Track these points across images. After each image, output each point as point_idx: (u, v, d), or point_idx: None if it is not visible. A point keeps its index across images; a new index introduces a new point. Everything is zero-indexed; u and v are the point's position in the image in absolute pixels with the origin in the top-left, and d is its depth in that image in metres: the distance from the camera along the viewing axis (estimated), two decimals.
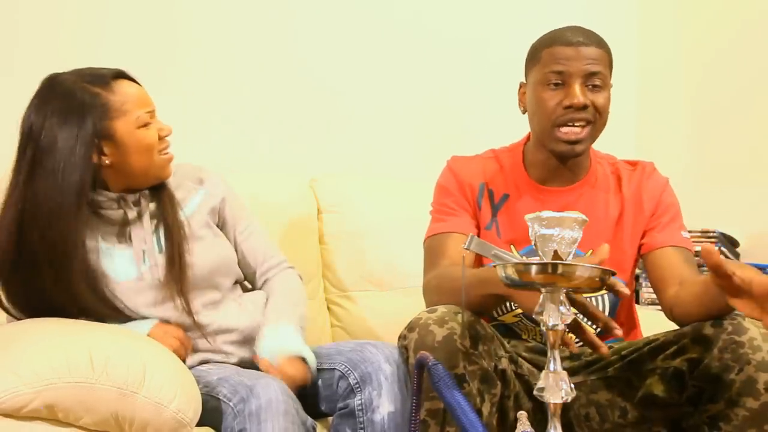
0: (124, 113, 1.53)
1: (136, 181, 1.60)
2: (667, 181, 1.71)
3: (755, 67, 2.65)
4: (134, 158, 1.56)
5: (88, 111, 1.50)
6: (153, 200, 1.63)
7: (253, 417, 1.37)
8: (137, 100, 1.56)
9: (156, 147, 1.58)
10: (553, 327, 1.11)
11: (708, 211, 2.60)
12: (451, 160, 1.77)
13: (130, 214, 1.59)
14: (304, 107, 2.47)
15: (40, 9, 2.14)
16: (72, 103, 1.50)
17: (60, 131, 1.49)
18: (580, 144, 1.60)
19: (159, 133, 1.59)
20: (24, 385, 1.23)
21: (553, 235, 1.12)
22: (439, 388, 1.03)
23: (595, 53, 1.58)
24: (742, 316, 1.40)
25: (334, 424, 1.51)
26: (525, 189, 1.69)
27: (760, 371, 1.33)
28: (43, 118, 1.50)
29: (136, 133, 1.55)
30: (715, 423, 1.38)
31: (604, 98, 1.60)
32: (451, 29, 2.70)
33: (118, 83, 1.55)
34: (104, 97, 1.52)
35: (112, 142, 1.53)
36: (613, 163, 1.74)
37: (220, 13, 2.38)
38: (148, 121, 1.57)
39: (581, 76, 1.58)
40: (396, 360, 1.49)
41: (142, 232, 1.59)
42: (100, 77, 1.54)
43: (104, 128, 1.52)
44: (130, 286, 1.56)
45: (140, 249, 1.59)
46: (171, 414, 1.30)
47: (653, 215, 1.66)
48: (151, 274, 1.57)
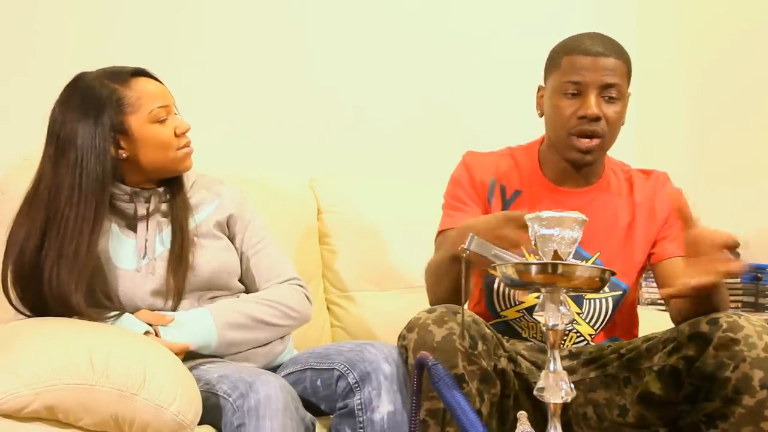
0: (138, 108, 1.58)
1: (153, 174, 1.64)
2: (681, 192, 1.72)
3: (755, 68, 2.65)
4: (149, 153, 1.59)
5: (105, 106, 1.55)
6: (166, 200, 1.66)
7: (252, 412, 1.37)
8: (152, 95, 1.59)
9: (172, 143, 1.61)
10: (553, 327, 1.11)
11: (708, 211, 2.60)
12: (466, 154, 1.78)
13: (140, 210, 1.62)
14: (305, 107, 2.47)
15: (42, 9, 2.14)
16: (91, 98, 1.56)
17: (80, 125, 1.54)
18: (591, 154, 1.62)
19: (176, 129, 1.61)
20: (24, 387, 1.23)
21: (553, 235, 1.12)
22: (439, 388, 1.03)
23: (613, 64, 1.60)
24: (738, 313, 1.42)
25: (333, 424, 1.51)
26: (539, 187, 1.70)
27: (755, 368, 1.34)
28: (65, 113, 1.56)
29: (150, 128, 1.58)
30: (712, 421, 1.39)
31: (616, 111, 1.61)
32: (453, 29, 2.70)
33: (136, 80, 1.60)
34: (120, 92, 1.57)
35: (128, 136, 1.58)
36: (626, 170, 1.76)
37: (221, 13, 2.38)
38: (164, 116, 1.60)
39: (597, 87, 1.59)
40: (395, 360, 1.49)
41: (148, 227, 1.62)
42: (119, 74, 1.60)
43: (120, 123, 1.56)
44: (127, 275, 1.58)
45: (143, 244, 1.61)
46: (171, 416, 1.30)
47: (665, 224, 1.68)
48: (147, 269, 1.59)
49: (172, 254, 1.60)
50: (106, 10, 2.22)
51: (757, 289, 2.38)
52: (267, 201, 2.07)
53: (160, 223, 1.64)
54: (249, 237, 1.74)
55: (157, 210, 1.65)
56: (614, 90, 1.60)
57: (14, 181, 1.76)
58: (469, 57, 2.74)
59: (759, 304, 2.37)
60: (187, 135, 1.64)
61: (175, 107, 1.65)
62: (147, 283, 1.59)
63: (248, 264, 1.72)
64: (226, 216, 1.72)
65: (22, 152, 1.79)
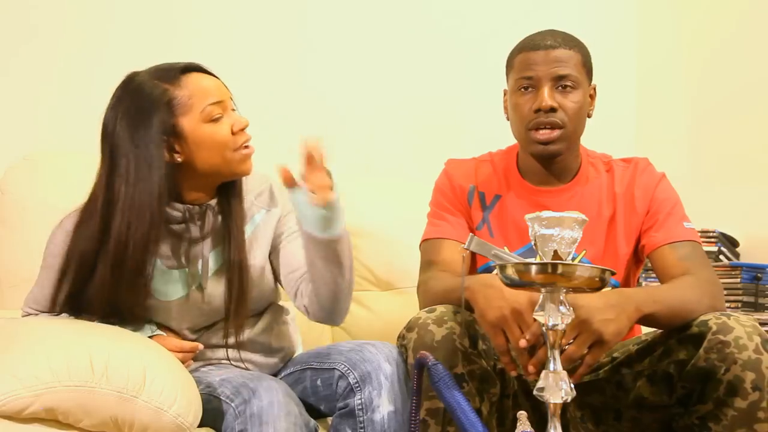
0: (190, 108, 1.47)
1: (212, 179, 1.54)
2: (663, 176, 1.68)
3: (755, 67, 2.65)
4: (205, 155, 1.49)
5: (155, 109, 1.46)
6: (220, 213, 1.56)
7: (255, 418, 1.37)
8: (205, 92, 1.49)
9: (228, 142, 1.50)
10: (553, 327, 1.11)
11: (708, 211, 2.60)
12: (447, 162, 1.78)
13: (193, 231, 1.54)
14: (304, 107, 2.47)
15: (42, 9, 2.14)
16: (141, 101, 1.47)
17: (132, 131, 1.45)
18: (553, 145, 1.61)
19: (233, 127, 1.50)
20: (24, 389, 1.23)
21: (552, 235, 1.12)
22: (438, 388, 1.02)
23: (563, 55, 1.60)
24: (727, 314, 1.41)
25: (333, 424, 1.51)
26: (517, 190, 1.69)
27: (746, 370, 1.33)
28: (116, 118, 1.47)
29: (204, 128, 1.48)
30: (705, 423, 1.38)
31: (575, 100, 1.60)
32: (450, 30, 2.70)
33: (187, 77, 1.50)
34: (171, 92, 1.47)
35: (182, 139, 1.48)
36: (607, 161, 1.73)
37: (219, 16, 2.38)
38: (218, 114, 1.49)
39: (550, 79, 1.59)
40: (396, 359, 1.48)
41: (200, 253, 1.55)
42: (169, 72, 1.50)
43: (172, 126, 1.47)
44: (175, 305, 1.55)
45: (195, 270, 1.55)
46: (170, 418, 1.30)
47: (648, 213, 1.64)
48: (200, 297, 1.55)
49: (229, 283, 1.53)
50: (106, 10, 2.22)
51: (757, 289, 2.37)
52: None
53: (215, 240, 1.56)
54: (288, 223, 1.65)
55: (212, 228, 1.56)
56: (568, 80, 1.60)
57: (14, 181, 1.76)
58: (467, 58, 2.74)
59: (759, 304, 2.37)
60: (247, 133, 1.53)
61: (232, 102, 1.54)
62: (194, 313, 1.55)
63: (284, 251, 1.64)
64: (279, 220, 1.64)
65: (22, 152, 1.79)
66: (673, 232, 1.61)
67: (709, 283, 1.52)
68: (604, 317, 1.31)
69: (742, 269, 2.37)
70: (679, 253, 1.58)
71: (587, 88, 1.65)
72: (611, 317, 1.32)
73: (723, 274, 2.36)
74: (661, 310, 1.41)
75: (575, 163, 1.69)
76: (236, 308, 1.54)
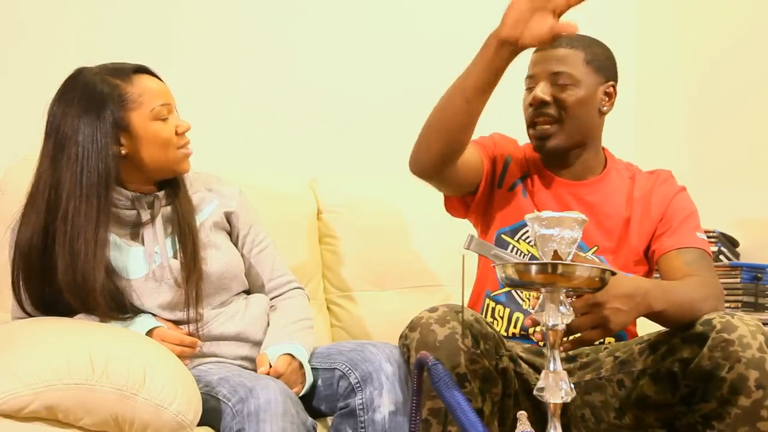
0: (140, 105, 1.55)
1: (152, 174, 1.61)
2: (683, 188, 1.73)
3: (755, 67, 2.65)
4: (149, 151, 1.57)
5: (107, 101, 1.53)
6: (168, 203, 1.64)
7: (252, 417, 1.37)
8: (155, 93, 1.57)
9: (173, 142, 1.59)
10: (553, 327, 1.11)
11: (708, 211, 2.59)
12: (494, 133, 1.84)
13: (143, 216, 1.60)
14: (304, 107, 2.47)
15: (40, 8, 2.14)
16: (92, 93, 1.53)
17: (81, 121, 1.51)
18: (551, 139, 1.66)
19: (177, 129, 1.59)
20: (24, 387, 1.23)
21: (553, 235, 1.12)
22: (438, 388, 1.02)
23: (563, 53, 1.66)
24: (731, 313, 1.42)
25: (334, 424, 1.51)
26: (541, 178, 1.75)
27: (750, 369, 1.34)
28: (65, 108, 1.53)
29: (151, 125, 1.56)
30: (709, 422, 1.39)
31: (572, 95, 1.65)
32: (452, 29, 2.70)
33: (138, 77, 1.58)
34: (123, 88, 1.55)
35: (128, 133, 1.55)
36: (631, 169, 1.78)
37: (219, 12, 2.38)
38: (165, 115, 1.58)
39: (545, 76, 1.65)
40: (397, 359, 1.49)
41: (155, 233, 1.60)
42: (121, 70, 1.58)
43: (121, 119, 1.54)
44: (140, 284, 1.56)
45: (152, 250, 1.59)
46: (171, 416, 1.30)
47: (662, 220, 1.67)
48: (162, 275, 1.57)
49: (184, 260, 1.58)
50: (105, 10, 2.22)
51: (757, 289, 2.37)
52: (267, 201, 2.07)
53: (168, 227, 1.62)
54: (252, 235, 1.74)
55: (161, 214, 1.62)
56: (564, 77, 1.64)
57: (14, 181, 1.76)
58: (469, 57, 2.73)
59: (759, 304, 2.37)
60: (187, 136, 1.63)
61: (175, 107, 1.64)
62: (162, 291, 1.57)
63: (251, 262, 1.73)
64: (226, 213, 1.72)
65: (22, 152, 1.79)
66: (684, 239, 1.64)
67: (713, 285, 1.55)
68: (616, 306, 1.34)
69: (742, 269, 2.37)
70: (687, 258, 1.60)
71: (593, 85, 1.67)
72: (624, 308, 1.35)
73: (723, 274, 2.36)
74: (669, 309, 1.43)
75: (595, 161, 1.74)
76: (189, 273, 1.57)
